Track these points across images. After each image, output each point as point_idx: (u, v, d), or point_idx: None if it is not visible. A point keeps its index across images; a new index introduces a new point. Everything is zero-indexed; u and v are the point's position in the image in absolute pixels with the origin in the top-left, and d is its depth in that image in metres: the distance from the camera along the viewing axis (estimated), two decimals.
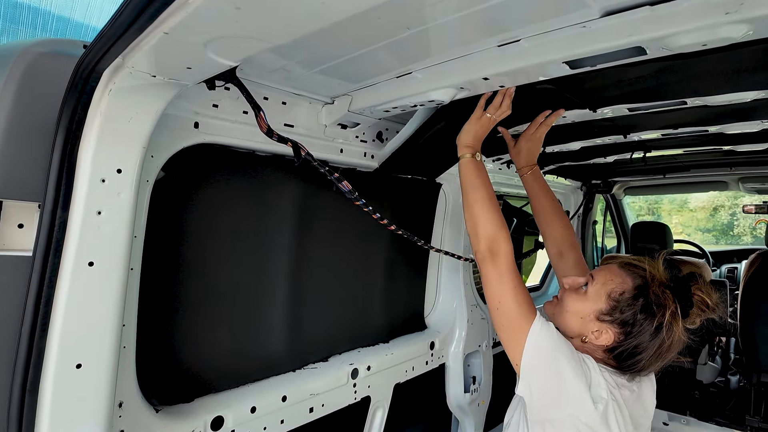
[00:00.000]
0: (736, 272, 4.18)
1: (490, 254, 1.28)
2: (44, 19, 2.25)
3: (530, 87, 1.24)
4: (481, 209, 1.33)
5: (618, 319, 1.22)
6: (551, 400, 1.17)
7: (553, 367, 1.16)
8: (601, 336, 1.24)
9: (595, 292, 1.27)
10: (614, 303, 1.23)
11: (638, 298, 1.21)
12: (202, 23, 0.66)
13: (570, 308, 1.30)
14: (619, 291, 1.24)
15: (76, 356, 0.95)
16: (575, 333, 1.29)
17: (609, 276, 1.27)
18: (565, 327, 1.32)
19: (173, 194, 1.27)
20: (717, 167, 2.88)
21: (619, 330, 1.22)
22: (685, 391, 3.23)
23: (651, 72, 1.11)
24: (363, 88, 1.37)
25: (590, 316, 1.26)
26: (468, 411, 2.33)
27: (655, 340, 1.19)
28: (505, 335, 1.23)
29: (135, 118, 0.97)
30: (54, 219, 0.91)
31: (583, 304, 1.28)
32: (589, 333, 1.26)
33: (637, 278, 1.24)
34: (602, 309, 1.24)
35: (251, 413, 1.43)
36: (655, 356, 1.21)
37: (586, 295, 1.28)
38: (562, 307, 1.33)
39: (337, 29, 0.83)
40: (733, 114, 1.45)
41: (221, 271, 1.42)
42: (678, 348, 1.22)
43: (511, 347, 1.21)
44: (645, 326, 1.19)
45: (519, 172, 1.72)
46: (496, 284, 1.25)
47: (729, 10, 0.79)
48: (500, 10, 0.88)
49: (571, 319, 1.29)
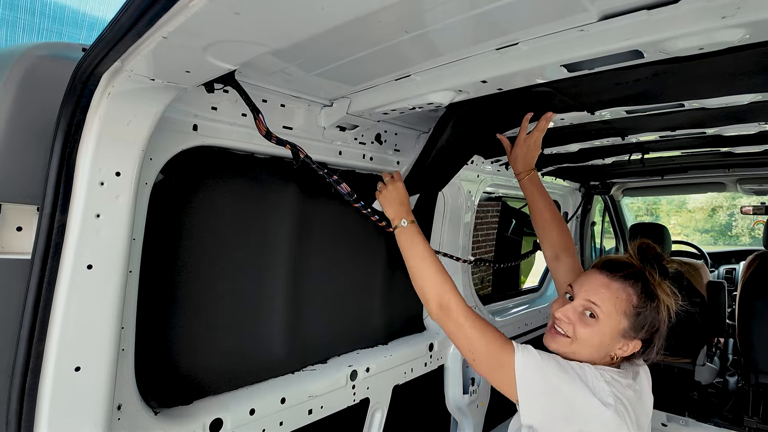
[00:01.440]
0: (734, 273, 4.19)
1: (442, 311, 1.31)
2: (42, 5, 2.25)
3: (527, 89, 1.25)
4: (420, 272, 1.39)
5: (640, 324, 1.22)
6: (559, 417, 1.14)
7: (549, 389, 1.15)
8: (629, 347, 1.23)
9: (608, 315, 1.22)
10: (634, 317, 1.22)
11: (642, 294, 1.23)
12: (201, 28, 0.66)
13: (592, 341, 1.24)
14: (631, 303, 1.22)
15: (74, 359, 0.95)
16: (600, 356, 1.25)
17: (614, 294, 1.23)
18: (588, 358, 1.26)
19: (172, 197, 1.27)
20: (715, 169, 2.89)
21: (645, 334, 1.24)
22: (683, 392, 3.24)
23: (648, 75, 1.11)
24: (362, 90, 1.37)
25: (615, 337, 1.23)
26: (467, 412, 2.33)
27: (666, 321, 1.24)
28: (493, 377, 1.22)
29: (134, 121, 0.97)
30: (53, 222, 0.91)
31: (601, 333, 1.23)
32: (616, 350, 1.24)
33: (630, 278, 1.24)
34: (626, 326, 1.22)
35: (250, 415, 1.43)
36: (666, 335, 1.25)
37: (599, 321, 1.23)
38: (581, 344, 1.25)
39: (337, 33, 0.83)
40: (730, 116, 1.46)
41: (220, 273, 1.42)
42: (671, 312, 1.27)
43: (503, 385, 1.20)
44: (661, 315, 1.23)
45: (517, 177, 1.72)
46: (461, 337, 1.26)
47: (726, 14, 0.79)
48: (499, 14, 0.88)
49: (596, 350, 1.24)
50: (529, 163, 1.68)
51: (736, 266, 4.23)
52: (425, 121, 1.79)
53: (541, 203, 1.68)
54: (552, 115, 1.50)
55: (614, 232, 4.48)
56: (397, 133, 1.82)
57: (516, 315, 3.02)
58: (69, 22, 2.32)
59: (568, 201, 3.53)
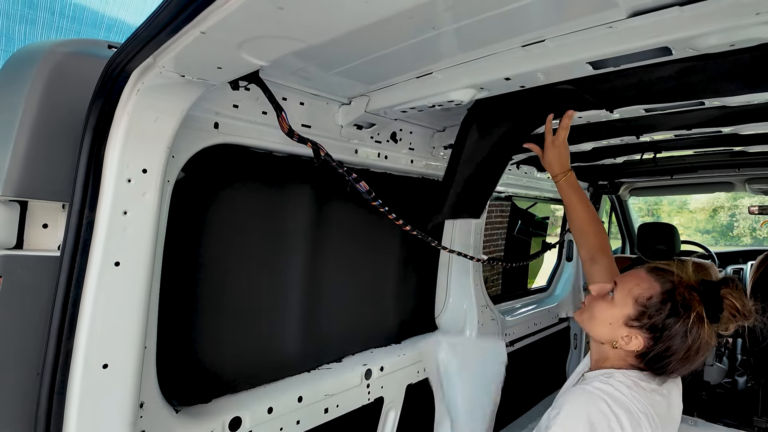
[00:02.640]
0: (741, 273, 4.18)
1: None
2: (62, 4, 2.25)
3: (549, 87, 1.24)
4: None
5: (647, 324, 1.20)
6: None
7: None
8: (631, 341, 1.22)
9: (622, 297, 1.25)
10: (642, 308, 1.21)
11: (666, 302, 1.19)
12: (241, 23, 0.66)
13: (597, 315, 1.28)
14: (646, 296, 1.22)
15: (102, 356, 0.94)
16: (606, 339, 1.27)
17: (636, 281, 1.25)
18: (594, 334, 1.30)
19: (193, 194, 1.27)
20: (724, 168, 2.88)
21: (649, 335, 1.20)
22: (692, 393, 3.24)
23: (673, 72, 1.11)
24: (381, 88, 1.37)
25: (618, 321, 1.23)
26: None
27: (683, 344, 1.17)
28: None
29: (161, 118, 0.97)
30: (81, 219, 0.91)
31: (610, 310, 1.26)
32: (619, 339, 1.23)
33: (666, 283, 1.22)
34: (630, 314, 1.22)
35: (268, 414, 1.42)
36: (683, 359, 1.19)
37: (613, 302, 1.26)
38: (590, 313, 1.31)
39: (364, 29, 0.83)
40: (749, 114, 1.46)
41: (237, 271, 1.42)
42: (706, 351, 1.20)
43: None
44: (674, 330, 1.17)
45: (554, 179, 1.70)
46: None
47: (760, 10, 0.79)
48: (528, 11, 0.88)
49: (600, 326, 1.28)
50: (565, 164, 1.65)
51: (744, 266, 4.21)
52: (439, 119, 1.79)
53: (580, 206, 1.65)
54: (573, 113, 1.49)
55: (620, 232, 4.47)
56: (411, 131, 1.82)
57: (525, 315, 3.01)
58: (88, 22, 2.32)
59: None
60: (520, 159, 2.34)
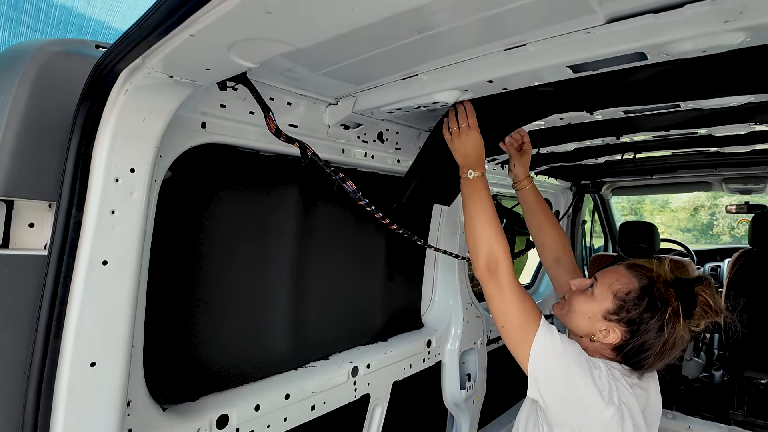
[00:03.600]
0: (719, 270, 4.29)
1: (489, 271, 1.29)
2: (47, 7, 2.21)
3: (530, 89, 1.28)
4: (478, 225, 1.35)
5: (624, 318, 1.25)
6: (563, 404, 1.19)
7: (561, 372, 1.18)
8: (609, 335, 1.27)
9: (602, 292, 1.30)
10: (621, 302, 1.26)
11: (644, 297, 1.24)
12: (231, 26, 0.67)
13: (578, 309, 1.33)
14: (625, 291, 1.27)
15: (90, 355, 0.95)
16: (584, 332, 1.32)
17: (615, 277, 1.31)
18: (573, 327, 1.35)
19: (179, 194, 1.28)
20: (702, 168, 2.98)
21: (626, 329, 1.25)
22: (671, 387, 3.32)
23: (649, 76, 1.15)
24: (368, 89, 1.39)
25: (597, 315, 1.28)
26: (463, 408, 2.37)
27: (660, 338, 1.22)
28: (513, 346, 1.25)
29: (149, 118, 0.98)
30: (69, 218, 0.92)
31: (590, 304, 1.31)
32: (597, 332, 1.28)
33: (643, 279, 1.27)
34: (609, 308, 1.27)
35: (255, 411, 1.43)
36: (659, 354, 1.24)
37: (593, 296, 1.31)
38: (570, 307, 1.36)
39: (351, 33, 0.85)
40: (722, 117, 1.51)
41: (225, 270, 1.43)
42: (681, 346, 1.25)
43: (519, 355, 1.24)
44: (650, 324, 1.22)
45: (518, 186, 1.78)
46: (499, 302, 1.27)
47: (728, 18, 0.83)
48: (511, 15, 0.91)
49: (579, 319, 1.32)
50: (527, 171, 1.76)
51: (721, 264, 4.33)
52: (425, 120, 1.82)
53: (540, 209, 1.73)
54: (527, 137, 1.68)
55: (603, 231, 4.56)
56: (398, 131, 1.84)
57: None
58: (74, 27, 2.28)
59: (560, 200, 3.59)
60: (504, 159, 2.38)
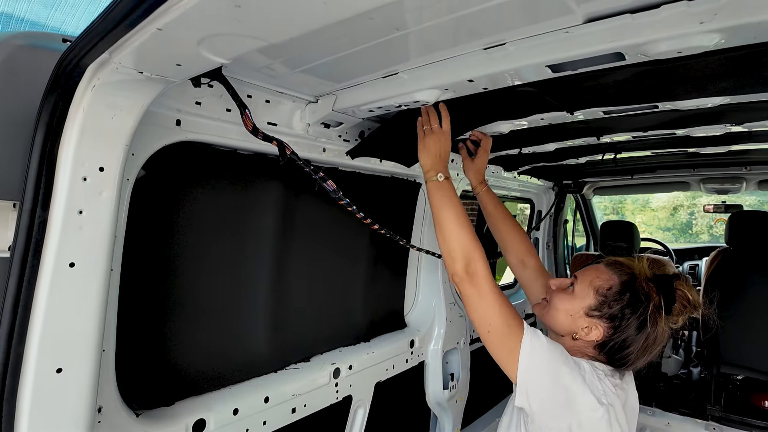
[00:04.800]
0: (697, 269, 4.38)
1: (467, 275, 1.26)
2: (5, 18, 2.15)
3: (510, 89, 1.27)
4: (452, 229, 1.31)
5: (606, 313, 1.26)
6: (554, 407, 1.18)
7: (550, 376, 1.17)
8: (591, 332, 1.27)
9: (583, 289, 1.31)
10: (602, 298, 1.27)
11: (625, 292, 1.25)
12: (199, 20, 0.65)
13: (559, 307, 1.33)
14: (606, 286, 1.28)
15: (56, 360, 0.91)
16: (566, 331, 1.32)
17: (596, 273, 1.32)
18: (555, 326, 1.35)
19: (154, 193, 1.24)
20: (681, 168, 3.03)
21: (608, 325, 1.26)
22: (650, 383, 3.37)
23: (628, 77, 1.16)
24: (348, 87, 1.37)
25: (579, 312, 1.29)
26: (446, 408, 2.36)
27: (642, 334, 1.23)
28: (500, 354, 1.22)
29: (118, 115, 0.94)
30: (33, 218, 0.88)
31: (571, 302, 1.31)
32: (580, 330, 1.29)
33: (623, 275, 1.29)
34: (591, 305, 1.28)
35: (233, 415, 1.41)
36: (642, 349, 1.25)
37: (574, 293, 1.32)
38: (551, 306, 1.36)
39: (327, 29, 0.83)
40: (700, 118, 1.53)
41: (202, 271, 1.40)
42: (662, 341, 1.26)
43: (506, 363, 1.21)
44: (632, 320, 1.23)
45: (476, 190, 1.80)
46: (480, 307, 1.24)
47: (703, 20, 0.83)
48: (488, 15, 0.90)
49: (561, 317, 1.32)
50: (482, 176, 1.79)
51: (699, 262, 4.42)
52: None
53: (501, 213, 1.76)
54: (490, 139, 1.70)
55: (585, 230, 4.62)
56: None
57: None
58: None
59: (542, 199, 3.61)
60: (490, 157, 2.38)
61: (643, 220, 17.41)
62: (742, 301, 2.90)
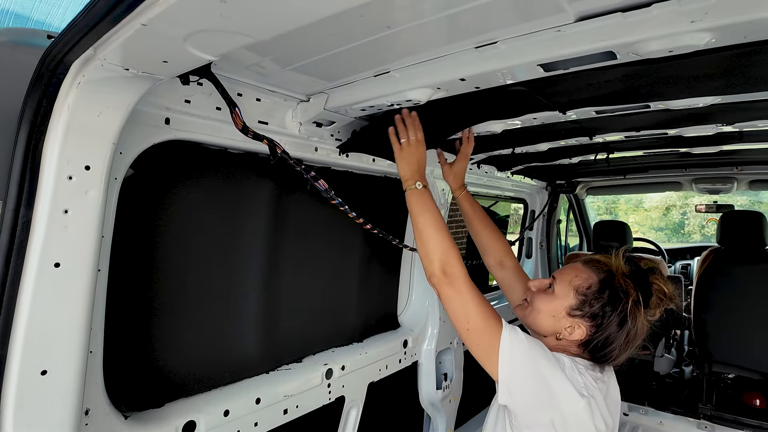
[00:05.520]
0: (689, 268, 4.41)
1: (445, 276, 1.28)
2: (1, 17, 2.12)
3: (503, 88, 1.27)
4: (429, 234, 1.34)
5: (588, 312, 1.27)
6: (536, 402, 1.19)
7: (531, 371, 1.18)
8: (575, 331, 1.28)
9: (562, 289, 1.32)
10: (582, 297, 1.28)
11: (604, 290, 1.27)
12: (184, 15, 0.64)
13: (541, 308, 1.34)
14: (585, 285, 1.29)
15: (40, 363, 0.90)
16: (549, 332, 1.33)
17: (574, 273, 1.33)
18: (538, 327, 1.35)
19: (143, 192, 1.23)
20: (673, 168, 3.05)
21: (590, 323, 1.27)
22: (643, 383, 3.39)
23: (619, 76, 1.15)
24: (340, 86, 1.36)
25: (561, 312, 1.30)
26: (440, 408, 2.36)
27: (623, 329, 1.25)
28: (479, 351, 1.23)
29: (105, 113, 0.93)
30: (17, 218, 0.86)
31: (552, 303, 1.32)
32: (563, 330, 1.30)
33: (601, 273, 1.30)
34: (572, 305, 1.29)
35: (224, 417, 1.39)
36: (624, 344, 1.27)
37: (554, 294, 1.33)
38: (532, 308, 1.36)
39: (317, 26, 0.82)
40: (691, 118, 1.54)
41: (192, 271, 1.38)
42: (643, 335, 1.29)
43: (486, 361, 1.22)
44: (613, 317, 1.25)
45: (456, 193, 1.82)
46: (459, 306, 1.25)
47: (694, 19, 0.83)
48: (480, 13, 0.90)
49: (543, 319, 1.33)
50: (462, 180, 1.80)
51: (691, 262, 4.45)
52: None
53: (480, 215, 1.77)
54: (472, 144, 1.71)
55: (578, 230, 4.63)
56: None
57: None
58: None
59: (536, 199, 3.62)
60: (480, 159, 2.38)
61: (636, 220, 17.51)
62: (732, 301, 2.92)
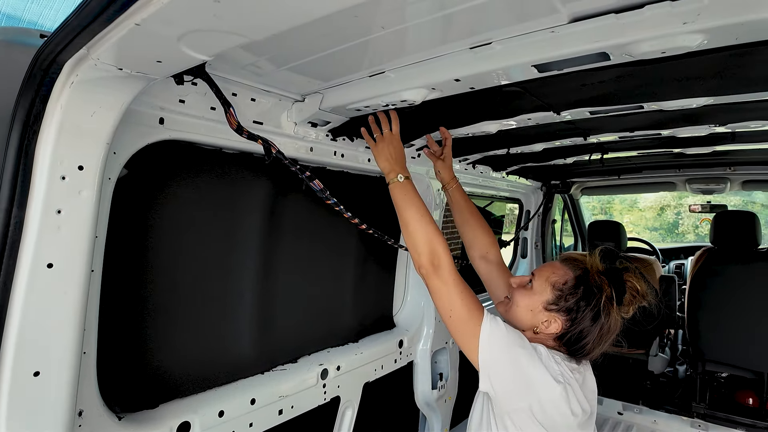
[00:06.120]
0: (683, 268, 4.43)
1: (432, 267, 1.34)
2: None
3: (497, 89, 1.27)
4: (416, 226, 1.39)
5: (563, 307, 1.34)
6: (514, 388, 1.26)
7: (509, 358, 1.25)
8: (551, 325, 1.35)
9: (540, 285, 1.39)
10: (558, 292, 1.35)
11: (579, 286, 1.34)
12: (178, 15, 0.64)
13: (520, 303, 1.41)
14: (561, 281, 1.36)
15: (33, 364, 0.89)
16: (527, 325, 1.40)
17: (551, 270, 1.40)
18: (517, 321, 1.42)
19: (137, 193, 1.22)
20: (667, 169, 3.07)
21: (565, 317, 1.34)
22: (637, 382, 3.41)
23: (613, 77, 1.16)
24: (335, 86, 1.36)
25: (539, 307, 1.37)
26: (435, 407, 2.36)
27: (596, 324, 1.31)
28: (461, 338, 1.31)
29: (98, 112, 0.92)
30: (9, 218, 0.86)
31: (530, 297, 1.39)
32: (540, 323, 1.37)
33: (577, 269, 1.37)
34: (548, 299, 1.36)
35: (219, 417, 1.39)
36: (597, 339, 1.33)
37: (533, 290, 1.40)
38: (512, 303, 1.44)
39: (312, 26, 0.82)
40: (685, 118, 1.55)
41: (186, 272, 1.38)
42: (616, 331, 1.35)
43: (467, 348, 1.29)
44: (587, 311, 1.31)
45: (446, 188, 1.84)
46: (444, 295, 1.33)
47: (687, 20, 0.84)
48: (474, 13, 0.90)
49: (522, 313, 1.40)
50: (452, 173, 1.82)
51: (685, 261, 4.47)
52: None
53: (469, 209, 1.81)
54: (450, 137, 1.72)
55: (573, 230, 4.65)
56: None
57: None
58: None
59: (531, 199, 3.63)
60: (475, 159, 2.39)
61: (630, 220, 17.60)
62: (725, 300, 2.94)
